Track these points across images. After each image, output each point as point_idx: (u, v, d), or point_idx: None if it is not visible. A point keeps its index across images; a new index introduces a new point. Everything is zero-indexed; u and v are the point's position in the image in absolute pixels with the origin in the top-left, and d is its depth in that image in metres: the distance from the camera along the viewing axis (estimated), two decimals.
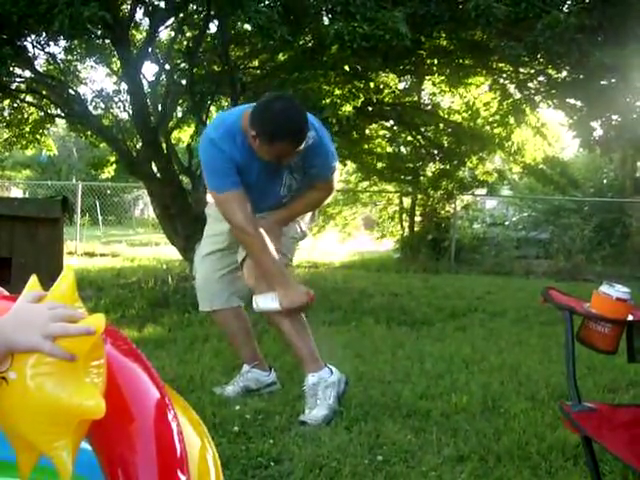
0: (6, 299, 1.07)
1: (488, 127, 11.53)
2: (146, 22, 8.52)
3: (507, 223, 16.62)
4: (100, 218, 18.68)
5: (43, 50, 8.62)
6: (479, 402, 3.34)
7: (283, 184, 3.22)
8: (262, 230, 3.07)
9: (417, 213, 13.93)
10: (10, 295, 1.08)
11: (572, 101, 8.56)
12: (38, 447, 0.88)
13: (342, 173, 13.48)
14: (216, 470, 1.01)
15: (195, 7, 7.96)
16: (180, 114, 9.70)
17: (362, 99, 9.85)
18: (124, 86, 9.15)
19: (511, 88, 9.76)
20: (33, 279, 1.00)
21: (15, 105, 9.78)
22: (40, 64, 9.07)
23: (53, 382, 0.86)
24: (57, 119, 10.55)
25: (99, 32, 7.49)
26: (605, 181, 17.27)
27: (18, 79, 8.84)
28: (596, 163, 16.53)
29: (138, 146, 8.82)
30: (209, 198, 3.55)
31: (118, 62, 8.82)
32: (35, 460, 0.91)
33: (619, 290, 2.04)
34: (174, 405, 0.98)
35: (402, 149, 13.57)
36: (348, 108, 8.92)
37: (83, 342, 0.88)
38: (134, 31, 8.92)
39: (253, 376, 3.47)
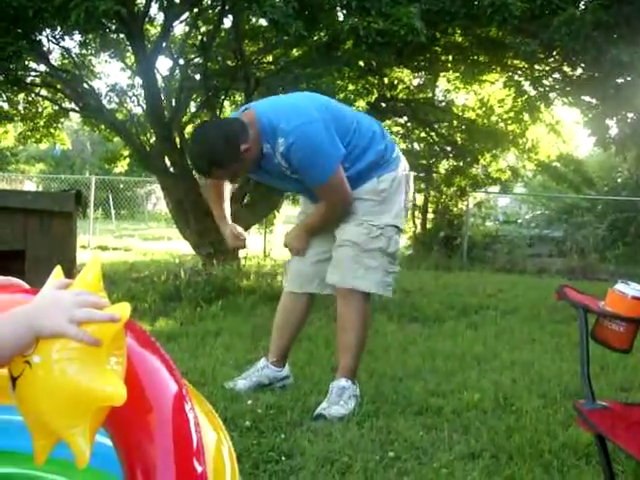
0: (27, 292, 1.08)
1: (502, 124, 11.50)
2: (161, 17, 8.55)
3: (520, 221, 16.56)
4: (113, 212, 18.76)
5: (58, 44, 8.68)
6: (491, 399, 3.32)
7: (294, 178, 3.19)
8: None
9: (430, 210, 13.91)
10: (31, 288, 1.09)
11: (587, 99, 8.51)
12: (56, 431, 0.89)
13: None
14: (231, 463, 1.02)
15: (210, 2, 7.98)
16: (194, 109, 9.74)
17: (376, 95, 9.84)
18: (138, 80, 9.19)
19: (526, 85, 9.72)
20: (57, 269, 1.01)
21: (30, 99, 9.85)
22: (55, 58, 9.14)
23: (76, 367, 0.87)
24: (71, 113, 10.61)
25: (114, 27, 7.52)
26: (619, 180, 17.16)
27: (33, 73, 8.90)
28: (610, 161, 16.42)
29: (152, 140, 8.85)
30: None
31: (132, 57, 8.85)
32: (51, 447, 0.92)
33: (635, 288, 2.02)
34: (191, 397, 0.99)
35: (415, 145, 13.56)
36: (362, 104, 8.91)
37: (107, 329, 0.89)
38: (148, 26, 8.95)
39: (268, 372, 3.46)
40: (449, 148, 12.57)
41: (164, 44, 8.16)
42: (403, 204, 3.33)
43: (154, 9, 8.34)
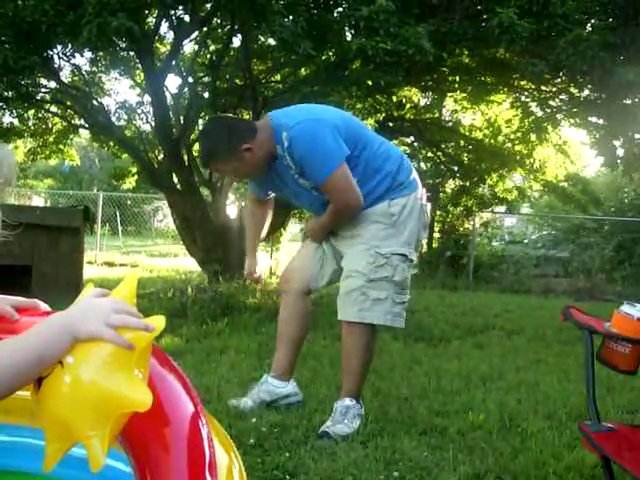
0: (49, 314, 1.10)
1: (509, 144, 11.52)
2: (170, 35, 8.63)
3: (526, 241, 16.53)
4: (120, 228, 18.80)
5: (69, 61, 8.76)
6: (496, 420, 3.31)
7: (305, 188, 3.20)
8: None
9: (436, 229, 13.90)
10: (52, 311, 1.11)
11: (594, 119, 8.53)
12: (75, 434, 0.90)
13: None
14: None
15: (219, 21, 8.04)
16: (202, 127, 9.78)
17: (383, 114, 9.88)
18: (147, 98, 9.26)
19: (533, 106, 9.75)
20: (89, 285, 1.07)
21: (40, 115, 9.92)
22: (65, 75, 9.22)
23: (106, 370, 0.89)
24: (80, 129, 10.68)
25: (124, 44, 7.58)
26: (626, 200, 17.15)
27: (43, 89, 8.97)
28: (617, 182, 16.42)
29: (160, 157, 8.90)
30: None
31: (142, 74, 8.92)
32: (63, 452, 0.94)
33: None
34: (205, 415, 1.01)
35: (422, 165, 13.58)
36: (370, 122, 8.93)
37: (141, 338, 0.92)
38: (158, 44, 9.03)
39: (268, 388, 3.45)
40: (456, 168, 12.60)
41: (173, 62, 8.22)
42: (416, 234, 3.27)
43: (164, 28, 8.44)
